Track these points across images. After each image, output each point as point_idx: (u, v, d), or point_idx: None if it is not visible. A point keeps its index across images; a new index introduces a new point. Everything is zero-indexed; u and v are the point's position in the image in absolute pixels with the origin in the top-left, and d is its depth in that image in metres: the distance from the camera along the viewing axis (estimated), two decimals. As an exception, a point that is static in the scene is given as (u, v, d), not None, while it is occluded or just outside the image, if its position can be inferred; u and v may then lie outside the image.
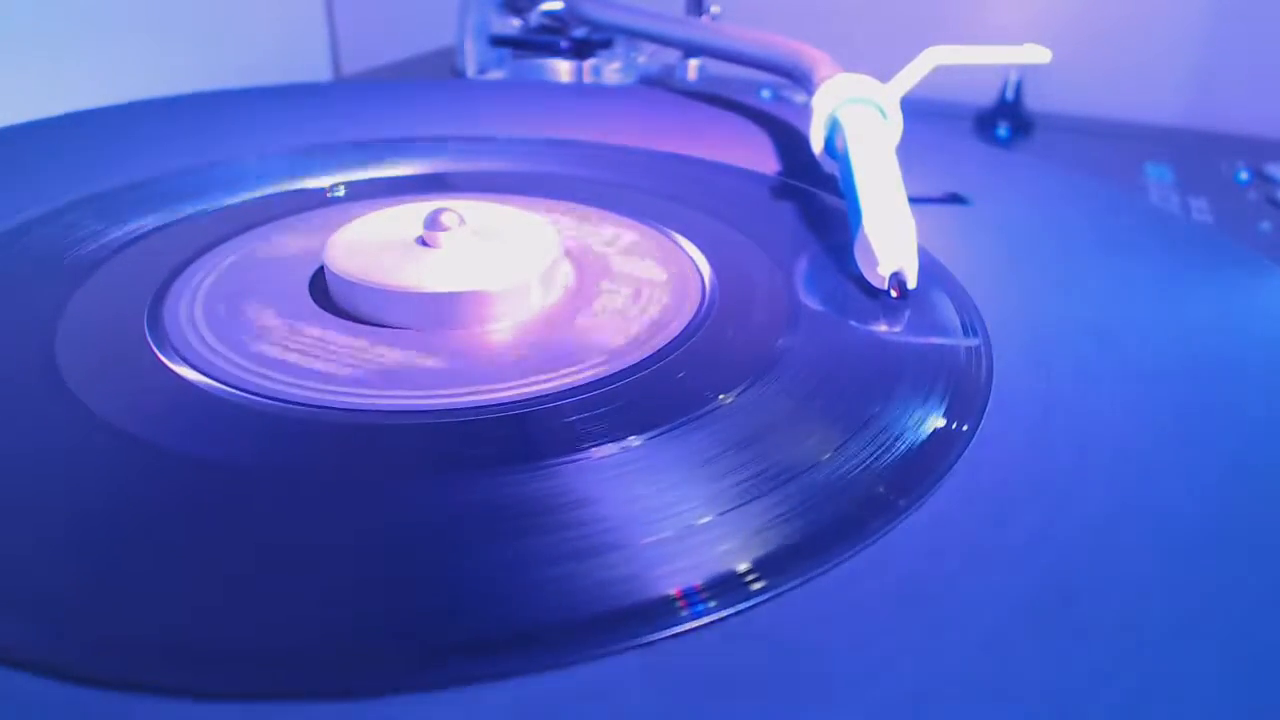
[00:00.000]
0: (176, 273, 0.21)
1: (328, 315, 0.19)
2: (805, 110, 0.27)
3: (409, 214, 0.21)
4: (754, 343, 0.18)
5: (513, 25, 0.48)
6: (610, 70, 0.48)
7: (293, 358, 0.18)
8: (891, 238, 0.20)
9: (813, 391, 0.17)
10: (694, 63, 0.51)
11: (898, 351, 0.18)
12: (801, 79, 0.29)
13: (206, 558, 0.13)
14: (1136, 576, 0.13)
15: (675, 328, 0.19)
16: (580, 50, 0.47)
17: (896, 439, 0.15)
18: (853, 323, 0.19)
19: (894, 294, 0.20)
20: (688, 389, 0.17)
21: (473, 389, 0.17)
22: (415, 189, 0.26)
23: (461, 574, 0.13)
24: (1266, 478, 0.15)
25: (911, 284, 0.20)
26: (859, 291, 0.21)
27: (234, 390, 0.17)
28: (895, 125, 0.26)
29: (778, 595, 0.12)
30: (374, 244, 0.20)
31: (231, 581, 0.12)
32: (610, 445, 0.15)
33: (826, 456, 0.15)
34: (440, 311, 0.19)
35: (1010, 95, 0.45)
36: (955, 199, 0.26)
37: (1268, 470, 0.15)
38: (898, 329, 0.19)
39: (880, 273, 0.20)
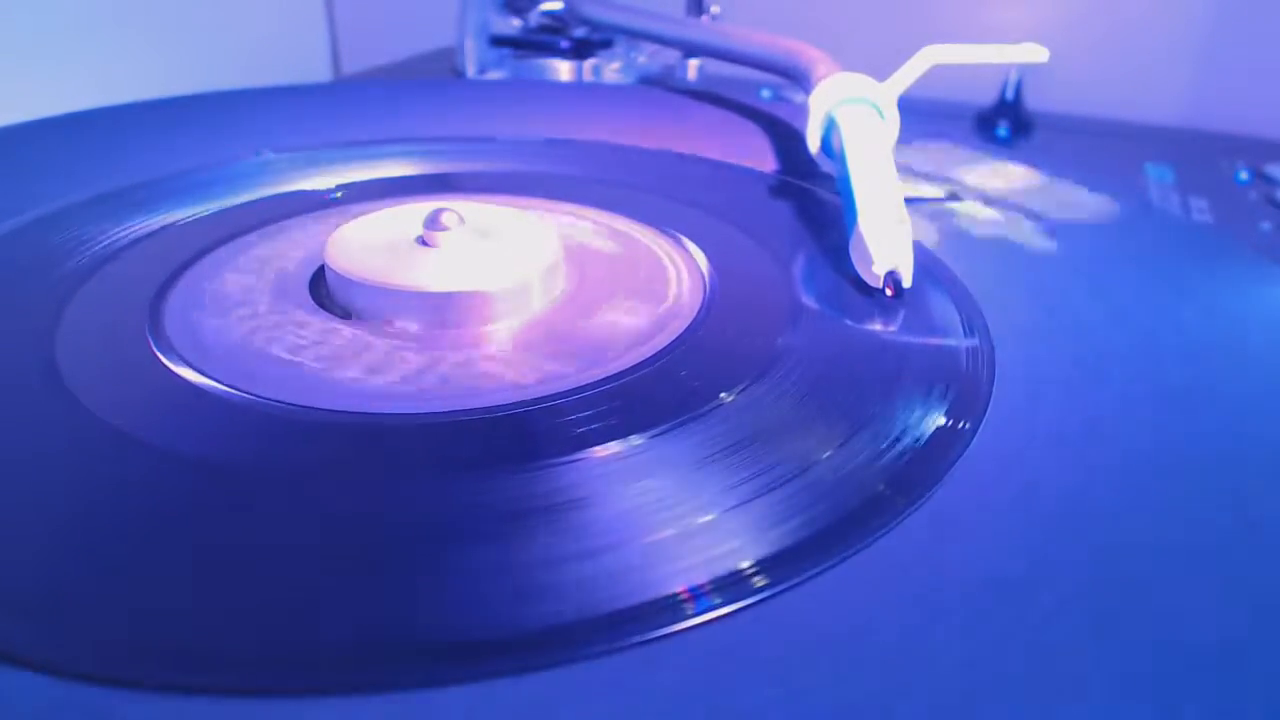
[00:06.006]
0: (177, 273, 0.21)
1: (328, 315, 0.19)
2: (805, 109, 0.27)
3: (409, 214, 0.21)
4: (754, 342, 0.18)
5: (513, 25, 0.48)
6: (610, 70, 0.48)
7: (293, 358, 0.18)
8: (886, 237, 0.20)
9: (813, 390, 0.17)
10: (694, 63, 0.51)
11: (898, 350, 0.18)
12: (800, 78, 0.29)
13: (206, 557, 0.13)
14: (1136, 576, 0.13)
15: (675, 327, 0.19)
16: (580, 50, 0.47)
17: (897, 438, 0.15)
18: (854, 322, 0.19)
19: (889, 293, 0.20)
20: (688, 388, 0.17)
21: (473, 389, 0.17)
22: (415, 189, 0.26)
23: (461, 574, 0.13)
24: (1267, 477, 0.15)
25: (907, 283, 0.20)
26: (858, 291, 0.21)
27: (234, 390, 0.17)
28: (892, 124, 0.26)
29: (778, 594, 0.12)
30: (374, 244, 0.20)
31: (231, 581, 0.12)
32: (610, 445, 0.15)
33: (827, 455, 0.15)
34: (440, 311, 0.19)
35: (1010, 95, 0.45)
36: (952, 199, 0.26)
37: (1269, 469, 0.15)
38: (897, 328, 0.19)
39: (875, 271, 0.20)
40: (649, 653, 0.12)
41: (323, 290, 0.20)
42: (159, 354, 0.18)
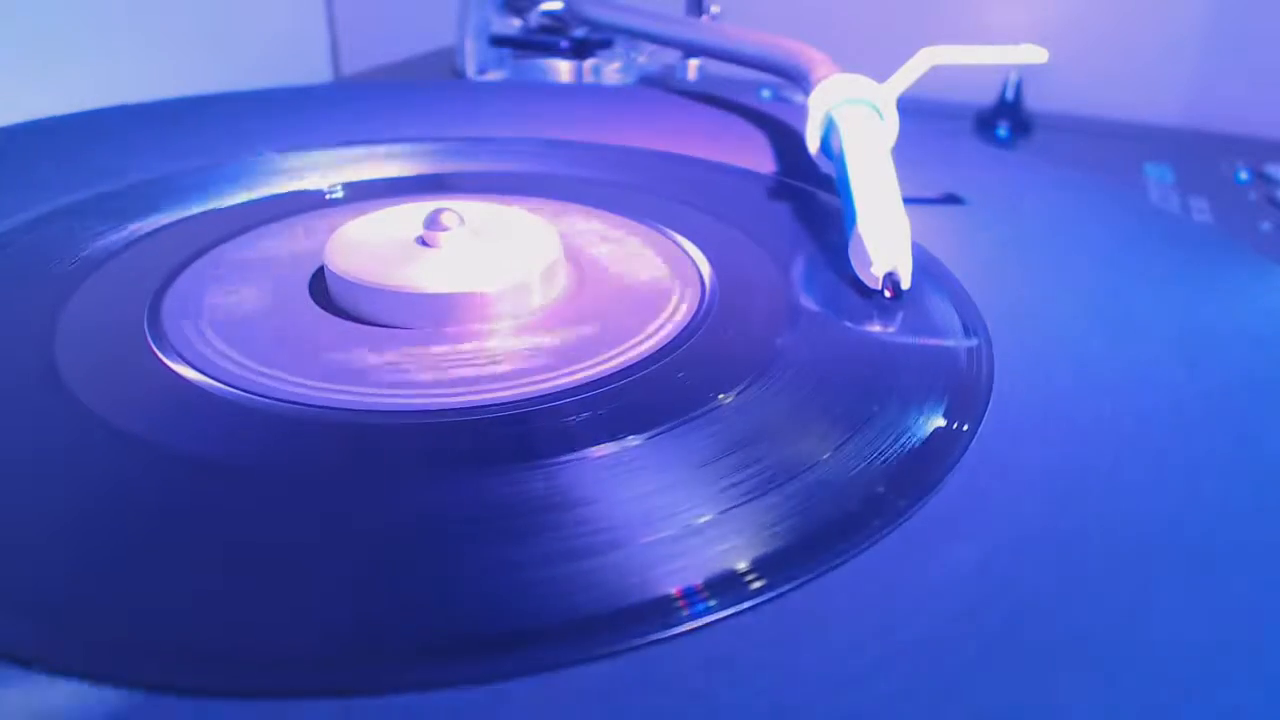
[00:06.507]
0: (176, 273, 0.21)
1: (327, 315, 0.19)
2: (804, 110, 0.27)
3: (409, 214, 0.21)
4: (754, 342, 0.18)
5: (513, 25, 0.48)
6: (610, 70, 0.48)
7: (292, 357, 0.18)
8: (885, 238, 0.20)
9: (812, 391, 0.17)
10: (694, 63, 0.51)
11: (898, 351, 0.18)
12: (799, 79, 0.29)
13: (206, 557, 0.13)
14: (1137, 578, 0.13)
15: (674, 328, 0.19)
16: (580, 50, 0.47)
17: (897, 439, 0.15)
18: (853, 323, 0.19)
19: (888, 294, 0.20)
20: (687, 389, 0.17)
21: (473, 389, 0.17)
22: (415, 189, 0.26)
23: (461, 574, 0.13)
24: (1268, 477, 0.15)
25: (905, 284, 0.20)
26: (857, 292, 0.21)
27: (234, 390, 0.17)
28: (891, 125, 0.26)
29: (778, 595, 0.12)
30: (374, 244, 0.20)
31: (231, 581, 0.12)
32: (610, 445, 0.15)
33: (826, 456, 0.15)
34: (440, 311, 0.19)
35: (1010, 95, 0.45)
36: (951, 199, 0.26)
37: (1269, 470, 0.15)
38: (896, 329, 0.19)
39: (874, 273, 0.20)
40: (648, 653, 0.12)
41: (322, 290, 0.20)
42: (158, 353, 0.18)
